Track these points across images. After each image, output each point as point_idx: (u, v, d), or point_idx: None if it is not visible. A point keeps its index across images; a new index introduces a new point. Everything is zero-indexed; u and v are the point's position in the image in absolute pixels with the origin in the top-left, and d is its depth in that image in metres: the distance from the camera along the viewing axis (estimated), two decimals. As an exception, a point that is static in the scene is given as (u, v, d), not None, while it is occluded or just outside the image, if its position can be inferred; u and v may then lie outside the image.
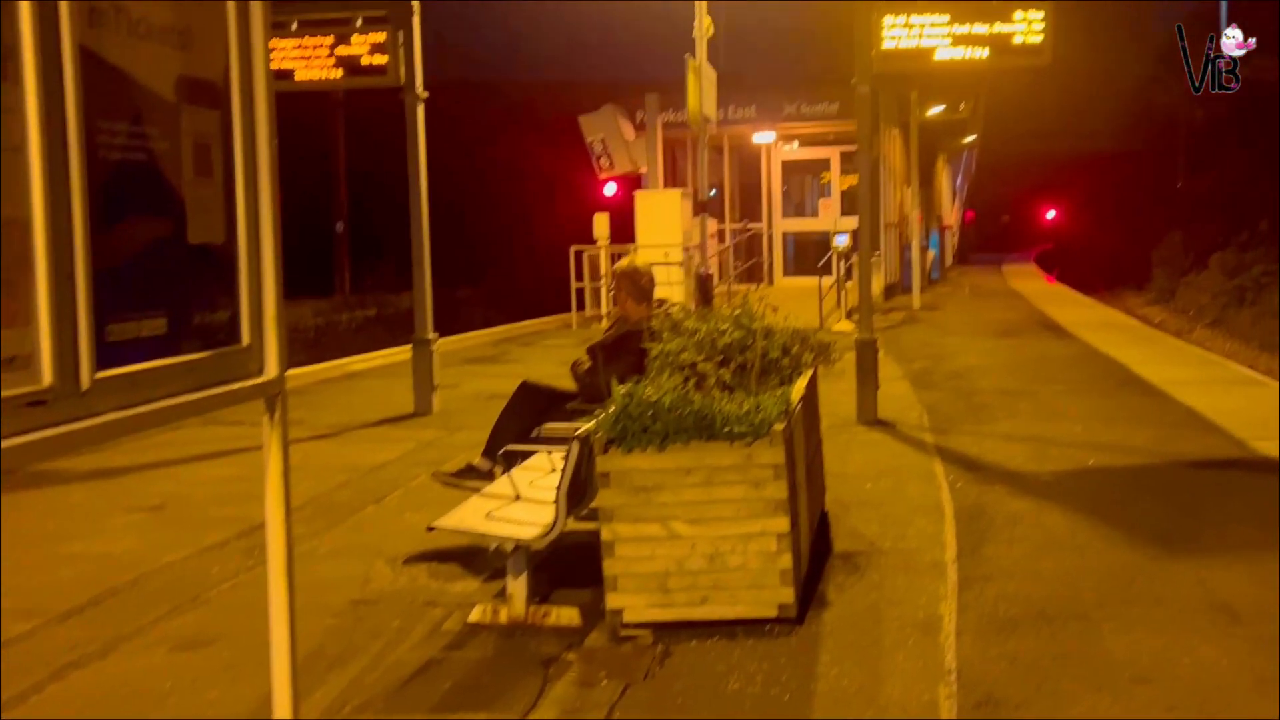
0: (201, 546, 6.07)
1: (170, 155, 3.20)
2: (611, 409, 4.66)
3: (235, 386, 3.48)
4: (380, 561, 5.74)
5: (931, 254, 26.90)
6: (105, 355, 2.89)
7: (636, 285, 6.50)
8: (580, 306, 18.55)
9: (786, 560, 4.56)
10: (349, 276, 27.42)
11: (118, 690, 4.25)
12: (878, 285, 19.81)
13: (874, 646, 4.41)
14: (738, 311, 5.79)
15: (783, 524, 4.55)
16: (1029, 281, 29.03)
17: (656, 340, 5.64)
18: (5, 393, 2.58)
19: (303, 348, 22.52)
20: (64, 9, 2.74)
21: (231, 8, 3.45)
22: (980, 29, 8.83)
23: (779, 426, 4.59)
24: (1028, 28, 8.76)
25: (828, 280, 18.15)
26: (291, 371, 14.81)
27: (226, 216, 3.46)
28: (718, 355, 5.39)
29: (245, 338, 3.52)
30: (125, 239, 3.04)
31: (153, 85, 3.14)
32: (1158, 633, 4.38)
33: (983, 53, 8.93)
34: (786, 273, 22.70)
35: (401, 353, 12.56)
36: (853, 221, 20.12)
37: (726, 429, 4.58)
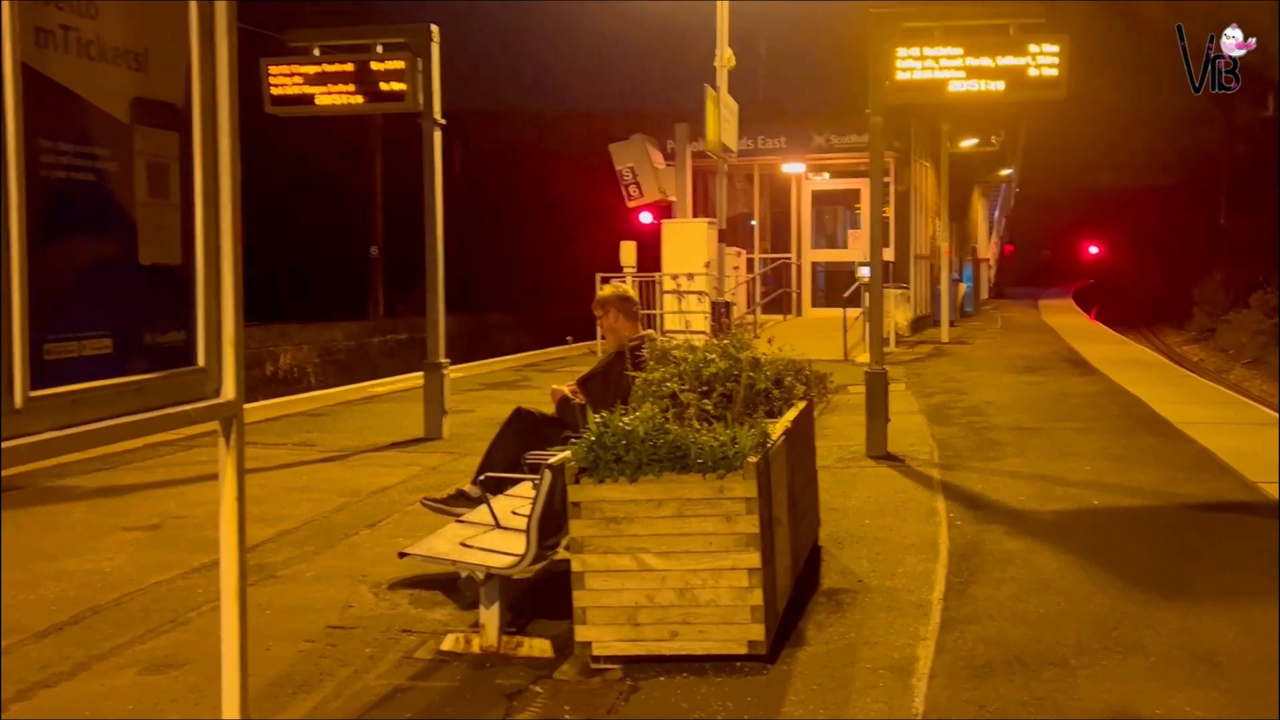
0: (191, 567, 6.09)
1: (120, 176, 3.20)
2: (586, 438, 4.62)
3: (188, 408, 3.47)
4: (364, 587, 5.72)
5: (964, 287, 26.68)
6: (43, 374, 2.88)
7: (628, 306, 6.56)
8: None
9: (757, 596, 4.48)
10: (383, 300, 27.61)
11: (78, 712, 4.24)
12: (905, 317, 19.69)
13: (843, 689, 4.32)
14: (726, 341, 5.75)
15: (754, 559, 4.47)
16: (1063, 317, 28.69)
17: (643, 370, 5.63)
18: (-67, 410, 2.58)
19: (333, 370, 22.71)
20: (7, 29, 2.75)
21: (195, 32, 3.46)
22: (994, 62, 8.76)
23: (753, 459, 4.52)
24: (1043, 61, 8.68)
25: (854, 312, 18.03)
26: (313, 394, 15.00)
27: (184, 237, 3.45)
28: (701, 385, 5.34)
29: (201, 359, 3.51)
30: (67, 258, 3.04)
31: (104, 106, 3.14)
32: (1133, 682, 4.26)
33: (998, 85, 8.86)
34: (815, 304, 22.60)
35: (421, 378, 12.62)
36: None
37: (700, 460, 4.52)
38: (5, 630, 5.02)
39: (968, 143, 23.24)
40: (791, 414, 5.71)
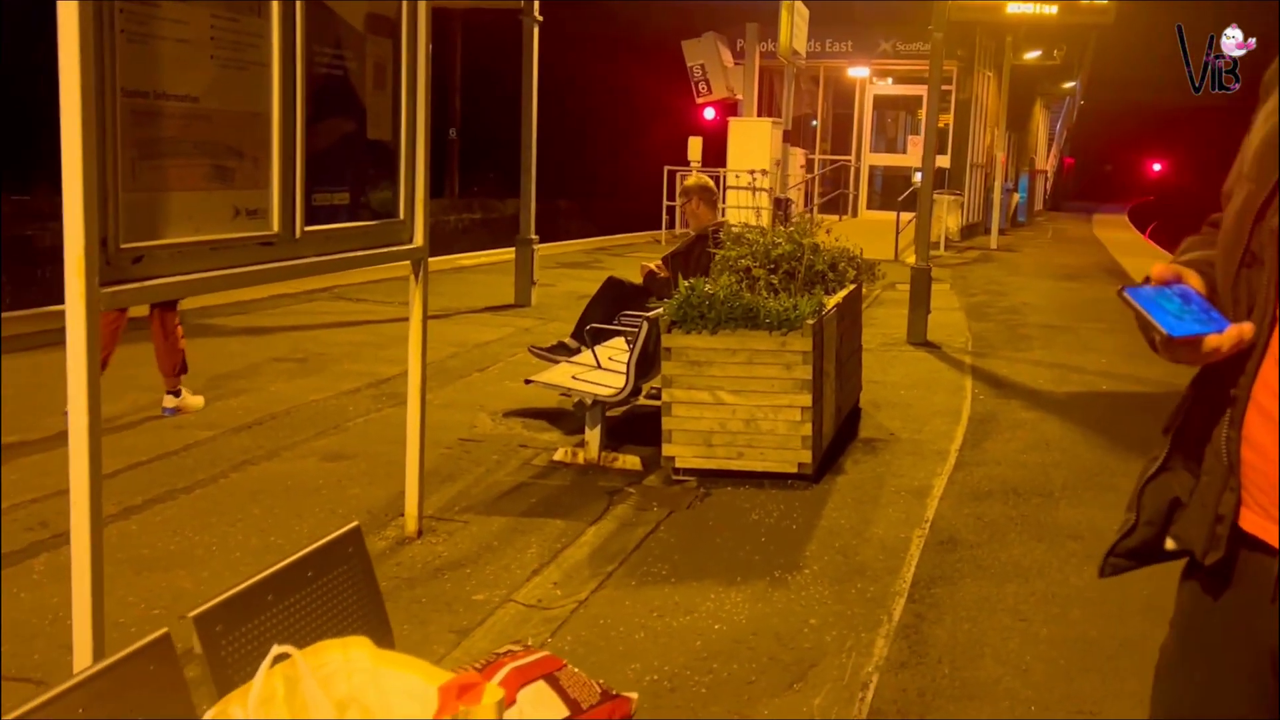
0: (340, 390, 7.37)
1: (358, 73, 4.36)
2: (676, 298, 5.77)
3: (393, 249, 4.69)
4: (483, 414, 6.95)
5: (1017, 197, 27.30)
6: (311, 215, 4.08)
7: (709, 195, 7.63)
8: (670, 224, 19.55)
9: (807, 429, 5.65)
10: (458, 181, 28.70)
11: (282, 482, 5.53)
12: (956, 223, 20.51)
13: (871, 502, 5.51)
14: (792, 228, 6.85)
15: (806, 399, 5.63)
16: (1115, 231, 29.24)
17: (720, 248, 6.75)
18: (247, 234, 3.77)
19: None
20: (299, -33, 3.87)
21: (406, -35, 4.56)
22: (1050, -11, 9.60)
23: (810, 321, 5.66)
24: (1095, -10, 9.50)
25: (907, 215, 18.89)
26: (402, 263, 16.21)
27: (393, 120, 4.60)
28: (770, 263, 6.46)
29: (401, 213, 4.70)
30: (327, 133, 4.21)
31: (350, 20, 4.29)
32: (1102, 509, 5.41)
33: (1051, 10, 9.72)
34: (871, 206, 23.43)
35: (504, 253, 13.84)
36: (938, 160, 20.83)
37: (767, 320, 5.66)
38: (208, 425, 6.34)
39: (1031, 54, 23.66)
40: (843, 293, 6.81)
